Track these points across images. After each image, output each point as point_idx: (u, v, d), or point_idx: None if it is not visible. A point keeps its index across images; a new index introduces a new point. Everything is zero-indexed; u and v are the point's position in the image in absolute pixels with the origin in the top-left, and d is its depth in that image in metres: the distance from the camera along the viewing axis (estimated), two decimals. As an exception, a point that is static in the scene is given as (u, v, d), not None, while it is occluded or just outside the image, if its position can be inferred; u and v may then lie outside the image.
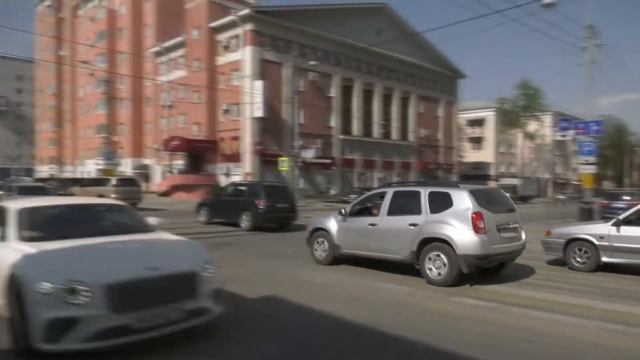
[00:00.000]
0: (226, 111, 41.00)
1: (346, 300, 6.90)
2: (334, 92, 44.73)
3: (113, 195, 25.05)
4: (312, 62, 34.69)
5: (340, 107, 45.31)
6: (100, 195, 25.74)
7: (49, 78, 71.98)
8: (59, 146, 70.24)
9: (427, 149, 55.76)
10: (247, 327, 5.56)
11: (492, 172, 69.19)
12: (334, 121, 44.87)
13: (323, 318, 6.02)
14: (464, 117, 70.00)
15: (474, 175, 65.20)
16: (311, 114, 41.74)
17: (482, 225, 7.58)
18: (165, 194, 40.25)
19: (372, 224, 8.84)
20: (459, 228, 7.66)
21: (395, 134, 51.77)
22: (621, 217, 9.04)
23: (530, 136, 65.72)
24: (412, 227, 8.15)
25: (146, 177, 52.32)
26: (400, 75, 51.58)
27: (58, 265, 4.36)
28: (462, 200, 7.82)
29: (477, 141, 73.69)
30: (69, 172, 63.55)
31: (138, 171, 52.75)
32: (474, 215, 7.60)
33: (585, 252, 9.20)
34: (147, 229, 6.01)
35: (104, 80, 49.32)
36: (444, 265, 7.70)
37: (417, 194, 8.37)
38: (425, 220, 8.05)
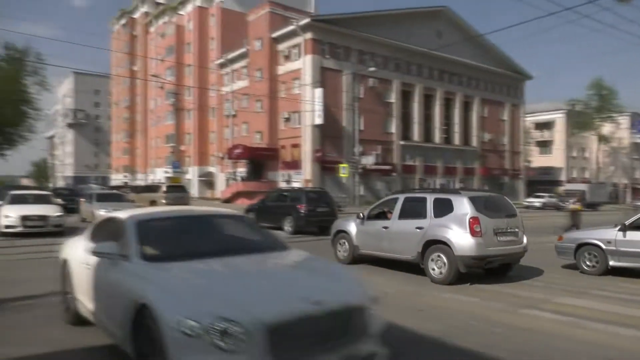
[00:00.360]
0: (287, 119, 41.65)
1: (413, 310, 6.66)
2: (394, 97, 44.21)
3: (163, 201, 26.22)
4: (372, 69, 34.54)
5: (400, 113, 44.71)
6: (153, 201, 26.99)
7: (123, 92, 76.57)
8: (131, 155, 74.36)
9: (491, 154, 53.72)
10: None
11: (562, 177, 65.48)
12: (394, 127, 44.32)
13: (400, 331, 5.79)
14: (530, 120, 66.92)
15: (542, 180, 61.99)
16: (371, 120, 41.49)
17: (478, 229, 8.21)
18: (228, 200, 41.38)
19: (385, 227, 9.64)
20: (458, 231, 8.32)
21: (457, 139, 50.33)
22: (627, 222, 9.20)
23: (604, 139, 61.56)
24: (418, 230, 8.88)
25: (211, 184, 54.16)
26: (462, 78, 50.18)
27: (201, 295, 3.41)
28: (462, 205, 8.48)
29: (545, 145, 70.13)
30: (140, 180, 67.09)
31: (203, 178, 54.73)
32: (470, 220, 8.25)
33: (595, 256, 9.44)
34: (279, 246, 4.92)
35: (172, 92, 51.70)
36: (444, 265, 8.34)
37: (424, 200, 9.13)
38: (429, 224, 8.78)
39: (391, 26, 42.97)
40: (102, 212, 18.41)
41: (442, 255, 8.38)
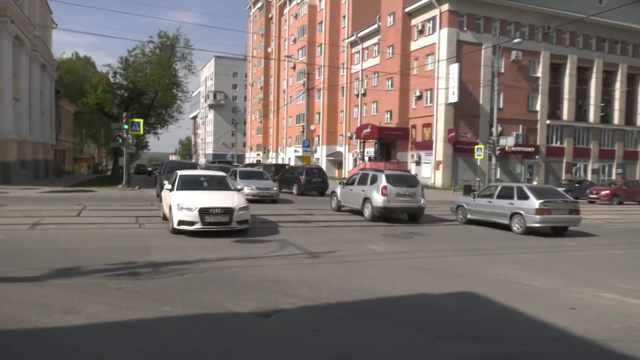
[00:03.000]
0: (418, 97, 40.62)
1: (564, 308, 6.13)
2: (540, 71, 40.54)
3: None
4: (516, 40, 31.92)
5: (548, 89, 40.87)
6: None
7: (258, 73, 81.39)
8: (264, 134, 79.09)
9: (662, 136, 46.72)
10: (469, 328, 5.35)
11: None
12: (539, 104, 40.76)
13: (550, 329, 5.42)
14: None
15: None
16: (512, 97, 38.71)
17: (385, 192, 14.65)
18: (356, 180, 41.88)
19: (351, 190, 16.58)
20: (375, 193, 14.88)
21: (617, 117, 44.65)
22: (477, 193, 16.04)
23: None
24: (362, 191, 15.61)
25: (339, 164, 55.41)
26: (627, 47, 44.13)
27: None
28: (380, 179, 15.03)
29: None
30: (271, 159, 71.23)
31: (331, 158, 56.20)
32: (382, 187, 14.74)
33: (462, 211, 15.59)
34: None
35: (303, 72, 53.53)
36: (369, 211, 15.06)
37: (368, 174, 15.93)
38: (367, 188, 15.40)
39: (541, -10, 39.23)
40: (246, 190, 19.43)
41: (368, 205, 15.14)
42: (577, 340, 4.94)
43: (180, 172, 12.80)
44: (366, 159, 45.04)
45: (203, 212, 10.48)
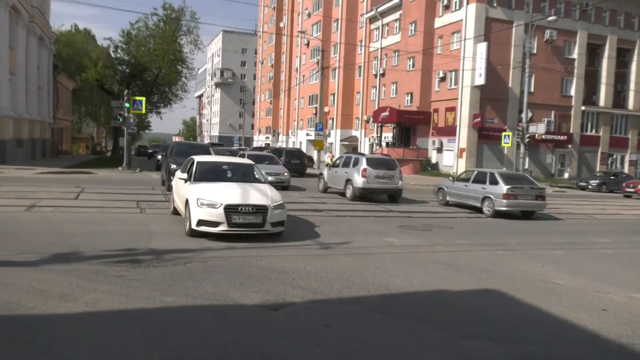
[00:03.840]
0: (442, 79, 40.23)
1: (595, 309, 6.10)
2: (576, 52, 39.85)
3: None
4: (551, 18, 31.36)
5: (584, 72, 40.20)
6: None
7: (268, 50, 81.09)
8: (274, 116, 79.03)
9: None
10: (494, 327, 5.36)
11: None
12: (574, 89, 40.16)
13: (579, 331, 5.41)
14: None
15: None
16: (544, 80, 38.17)
17: (365, 174, 16.91)
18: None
19: (336, 171, 18.97)
20: (356, 175, 17.16)
21: (660, 104, 43.88)
22: (456, 177, 18.80)
23: None
24: (345, 173, 17.86)
25: (354, 149, 55.26)
26: (674, 26, 43.17)
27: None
28: (361, 162, 17.39)
29: None
30: (281, 142, 71.28)
31: (345, 143, 56.05)
32: (362, 169, 17.04)
33: (442, 194, 17.89)
34: None
35: (317, 49, 53.22)
36: (351, 191, 17.36)
37: (351, 158, 18.46)
38: (349, 170, 17.66)
39: (580, -36, 38.42)
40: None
41: (350, 186, 17.38)
42: (608, 343, 4.93)
43: (197, 159, 10.97)
44: (384, 144, 44.85)
45: (230, 210, 8.85)
